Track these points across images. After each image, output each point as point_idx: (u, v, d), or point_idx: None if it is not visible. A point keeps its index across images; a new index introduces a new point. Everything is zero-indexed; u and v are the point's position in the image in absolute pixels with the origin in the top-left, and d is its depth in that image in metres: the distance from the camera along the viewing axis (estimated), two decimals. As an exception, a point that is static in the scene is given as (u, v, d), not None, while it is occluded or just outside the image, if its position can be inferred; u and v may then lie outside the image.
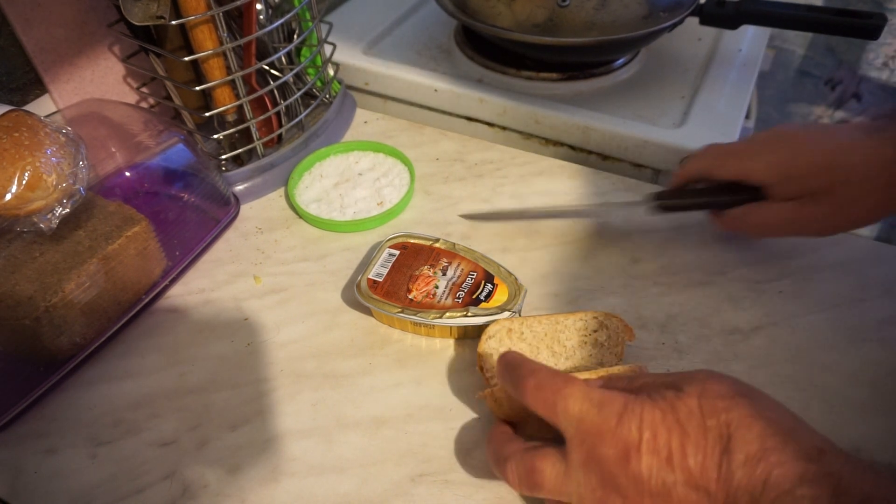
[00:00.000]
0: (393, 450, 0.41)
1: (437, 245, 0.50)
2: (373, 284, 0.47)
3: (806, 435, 0.29)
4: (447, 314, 0.45)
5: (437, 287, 0.47)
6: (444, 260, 0.49)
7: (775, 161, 0.45)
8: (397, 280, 0.47)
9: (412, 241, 0.50)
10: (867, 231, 1.40)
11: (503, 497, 0.38)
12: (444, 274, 0.48)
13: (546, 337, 0.44)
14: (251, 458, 0.41)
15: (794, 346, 0.46)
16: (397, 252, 0.49)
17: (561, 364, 0.43)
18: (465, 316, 0.45)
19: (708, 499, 0.29)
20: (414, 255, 0.49)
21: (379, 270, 0.48)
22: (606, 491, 0.31)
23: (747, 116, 0.71)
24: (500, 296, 0.46)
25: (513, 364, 0.36)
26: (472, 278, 0.47)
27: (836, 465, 0.28)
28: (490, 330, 0.44)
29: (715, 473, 0.29)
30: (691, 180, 0.51)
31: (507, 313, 0.45)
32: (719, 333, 0.47)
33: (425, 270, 0.48)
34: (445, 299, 0.46)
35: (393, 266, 0.48)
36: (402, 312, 0.45)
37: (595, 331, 0.44)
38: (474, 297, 0.46)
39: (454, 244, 0.50)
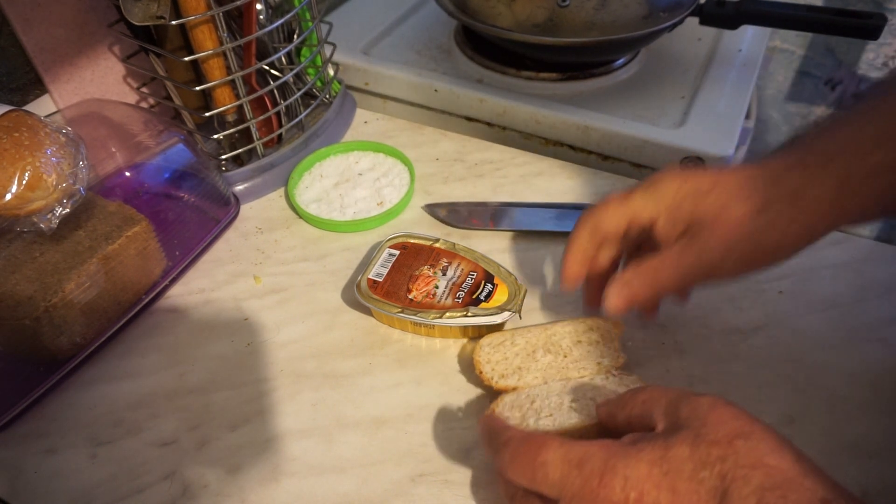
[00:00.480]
0: (393, 450, 0.41)
1: (437, 245, 0.50)
2: (373, 284, 0.47)
3: (810, 484, 0.27)
4: (447, 314, 0.45)
5: (437, 287, 0.47)
6: (444, 260, 0.49)
7: (663, 190, 0.38)
8: (397, 280, 0.47)
9: (412, 241, 0.50)
10: (867, 231, 1.40)
11: (503, 497, 0.38)
12: (444, 274, 0.48)
13: (540, 343, 0.44)
14: (251, 458, 0.41)
15: (793, 346, 0.46)
16: (397, 252, 0.49)
17: (560, 362, 0.43)
18: (465, 316, 0.45)
19: None
20: (414, 255, 0.49)
21: (379, 270, 0.48)
22: None
23: (747, 116, 0.71)
24: (500, 296, 0.46)
25: (491, 432, 0.34)
26: (472, 278, 0.47)
27: None
28: (483, 340, 0.44)
29: None
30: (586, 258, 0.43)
31: (506, 313, 0.45)
32: (719, 333, 0.47)
33: (425, 270, 0.48)
34: (445, 299, 0.46)
35: (393, 266, 0.48)
36: (402, 312, 0.45)
37: (586, 332, 0.44)
38: (474, 297, 0.46)
39: (454, 244, 0.50)
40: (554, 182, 0.60)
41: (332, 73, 0.68)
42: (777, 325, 0.47)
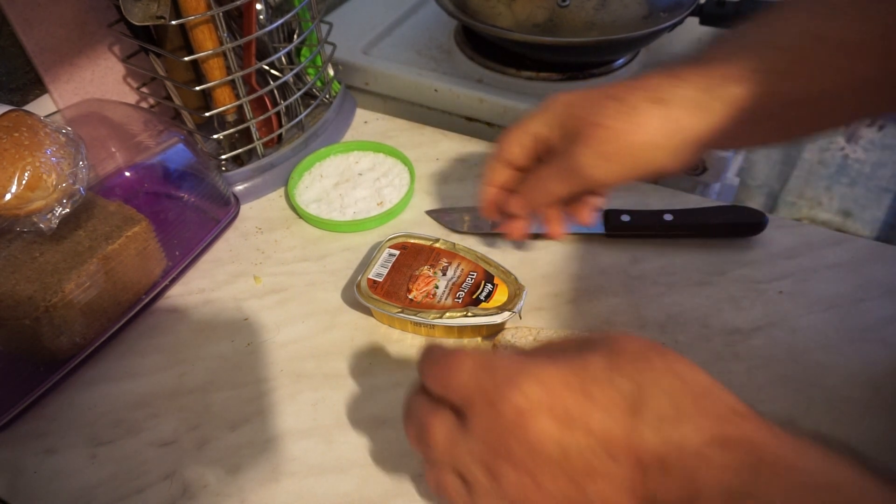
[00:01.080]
0: (393, 450, 0.41)
1: (436, 245, 0.50)
2: (373, 284, 0.47)
3: (723, 396, 0.27)
4: (447, 314, 0.45)
5: (437, 287, 0.47)
6: (444, 260, 0.49)
7: (553, 108, 0.42)
8: (397, 280, 0.47)
9: (412, 241, 0.50)
10: (867, 231, 1.40)
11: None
12: (444, 274, 0.48)
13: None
14: (251, 458, 0.41)
15: (794, 346, 0.46)
16: (397, 252, 0.49)
17: None
18: (466, 316, 0.45)
19: (614, 464, 0.26)
20: (414, 256, 0.49)
21: (379, 270, 0.48)
22: (497, 460, 0.28)
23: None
24: (500, 296, 0.46)
25: (425, 350, 0.33)
26: (472, 278, 0.47)
27: (752, 430, 0.26)
28: (506, 334, 0.45)
29: (622, 436, 0.26)
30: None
31: (507, 313, 0.45)
32: (719, 333, 0.47)
33: (425, 270, 0.48)
34: (445, 299, 0.46)
35: (393, 266, 0.48)
36: (402, 312, 0.45)
37: None
38: (474, 297, 0.46)
39: (454, 244, 0.50)
40: (554, 182, 0.60)
41: (331, 73, 0.68)
42: (777, 325, 0.47)
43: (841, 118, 0.39)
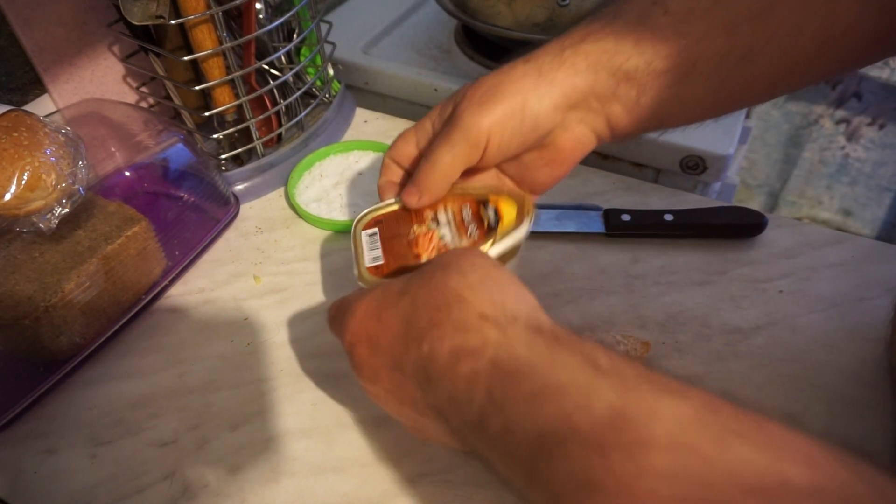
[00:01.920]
0: (393, 450, 0.41)
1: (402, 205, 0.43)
2: (376, 270, 0.41)
3: (477, 299, 0.28)
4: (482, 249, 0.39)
5: (442, 238, 0.41)
6: (428, 211, 0.43)
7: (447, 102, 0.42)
8: (399, 252, 0.41)
9: (380, 213, 0.44)
10: (868, 231, 1.40)
11: (504, 497, 0.38)
12: (439, 222, 0.42)
13: None
14: (251, 458, 0.41)
15: (794, 345, 0.46)
16: (375, 230, 0.43)
17: None
18: (495, 244, 0.39)
19: (406, 380, 0.30)
20: (395, 223, 0.43)
21: (372, 255, 0.42)
22: (359, 380, 0.34)
23: (747, 116, 0.71)
24: (508, 210, 0.40)
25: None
26: (468, 210, 0.41)
27: (493, 324, 0.27)
28: None
29: (402, 352, 0.29)
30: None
31: (527, 221, 0.39)
32: (720, 333, 0.47)
33: (418, 229, 0.42)
34: (460, 242, 0.40)
35: (383, 244, 0.42)
36: None
37: (613, 344, 0.44)
38: (486, 225, 0.40)
39: None
40: (554, 181, 0.60)
41: (331, 72, 0.68)
42: (777, 325, 0.47)
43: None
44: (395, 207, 0.44)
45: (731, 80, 0.35)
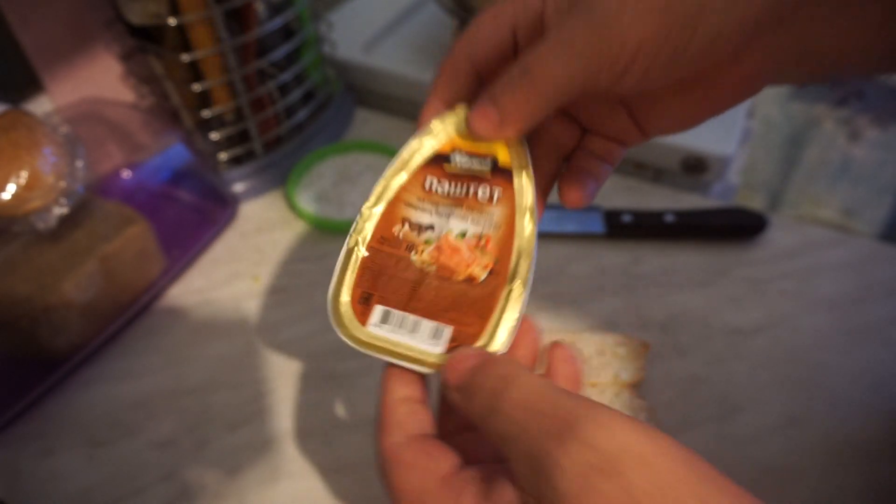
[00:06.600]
0: (392, 451, 0.41)
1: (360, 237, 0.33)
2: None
3: None
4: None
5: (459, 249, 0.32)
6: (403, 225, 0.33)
7: None
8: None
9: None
10: (869, 230, 1.39)
11: None
12: (427, 234, 0.32)
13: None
14: (250, 459, 0.41)
15: (795, 346, 0.46)
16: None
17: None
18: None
19: None
20: (386, 253, 0.33)
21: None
22: None
23: (749, 115, 0.70)
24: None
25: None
26: (461, 187, 0.33)
27: None
28: None
29: None
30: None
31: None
32: (721, 333, 0.47)
33: (412, 255, 0.32)
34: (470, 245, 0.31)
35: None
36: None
37: (614, 345, 0.44)
38: (478, 199, 0.32)
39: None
40: (554, 181, 0.60)
41: (331, 72, 0.67)
42: (778, 325, 0.47)
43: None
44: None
45: None
